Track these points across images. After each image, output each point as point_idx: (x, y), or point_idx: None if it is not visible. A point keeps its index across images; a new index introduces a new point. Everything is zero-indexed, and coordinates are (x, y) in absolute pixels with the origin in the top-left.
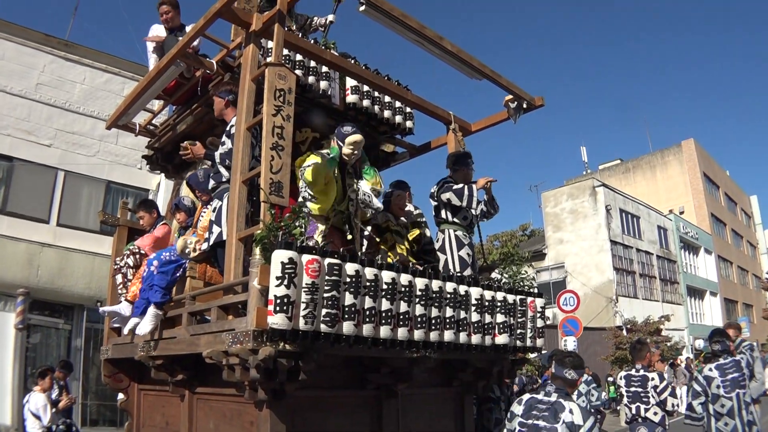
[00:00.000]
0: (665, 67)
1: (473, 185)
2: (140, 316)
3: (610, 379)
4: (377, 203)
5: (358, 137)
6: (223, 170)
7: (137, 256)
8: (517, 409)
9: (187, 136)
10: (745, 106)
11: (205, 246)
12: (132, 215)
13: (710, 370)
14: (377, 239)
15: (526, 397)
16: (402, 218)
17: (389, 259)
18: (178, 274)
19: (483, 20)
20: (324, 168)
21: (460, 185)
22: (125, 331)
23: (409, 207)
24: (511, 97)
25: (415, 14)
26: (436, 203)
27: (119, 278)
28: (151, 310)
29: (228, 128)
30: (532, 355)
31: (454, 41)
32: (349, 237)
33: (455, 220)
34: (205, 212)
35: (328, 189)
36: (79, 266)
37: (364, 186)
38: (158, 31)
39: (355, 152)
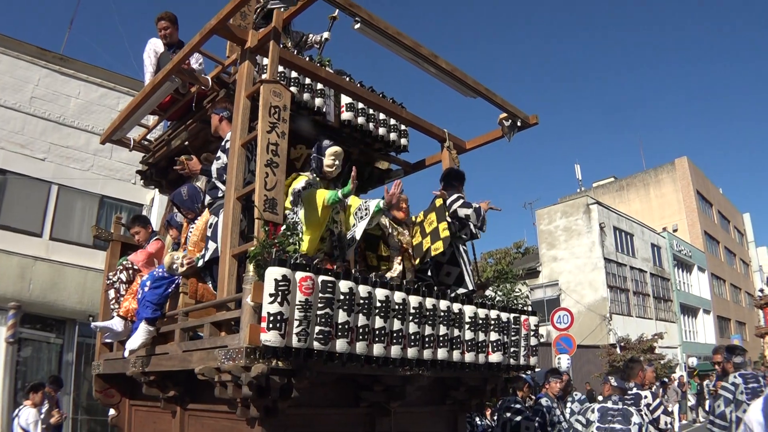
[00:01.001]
0: (659, 86)
1: (482, 207)
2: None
3: (601, 398)
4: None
5: (338, 148)
6: (220, 185)
7: (130, 272)
8: (593, 416)
9: (182, 152)
10: (739, 124)
11: (200, 263)
12: (125, 230)
13: (735, 377)
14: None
15: (597, 406)
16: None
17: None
18: (169, 290)
19: (478, 40)
20: (331, 200)
21: (477, 204)
22: (126, 354)
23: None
24: (505, 115)
25: (409, 32)
26: None
27: (112, 293)
28: (143, 326)
29: (223, 143)
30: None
31: (448, 60)
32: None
33: (461, 235)
34: (192, 229)
35: (317, 226)
36: (71, 280)
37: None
38: (156, 45)
39: (336, 163)
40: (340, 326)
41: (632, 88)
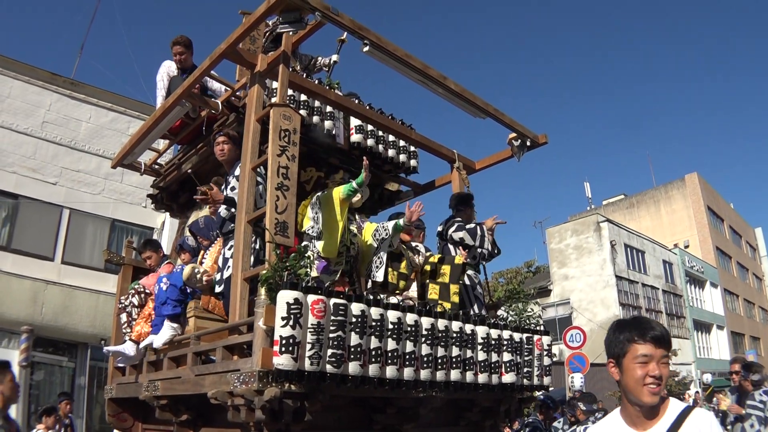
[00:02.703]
0: (667, 102)
1: (483, 225)
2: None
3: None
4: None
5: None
6: None
7: (142, 296)
8: None
9: (192, 176)
10: (749, 138)
11: (218, 288)
12: (137, 254)
13: (761, 395)
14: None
15: (581, 428)
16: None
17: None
18: (189, 290)
19: (485, 59)
20: (347, 192)
21: (473, 225)
22: (144, 345)
23: (420, 247)
24: (514, 135)
25: (418, 54)
26: (444, 242)
27: (124, 317)
28: (167, 324)
29: (236, 172)
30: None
31: (457, 81)
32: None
33: (467, 259)
34: (207, 256)
35: (336, 225)
36: (83, 304)
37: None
38: (170, 67)
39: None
40: (352, 349)
41: (640, 105)
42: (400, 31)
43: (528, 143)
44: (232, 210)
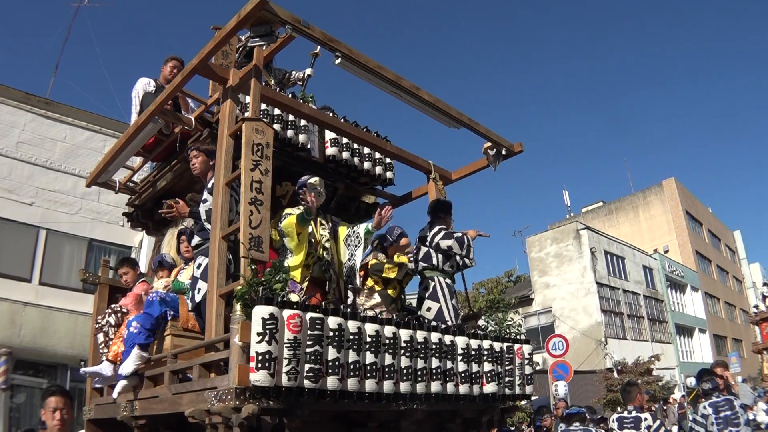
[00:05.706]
0: (643, 108)
1: (467, 235)
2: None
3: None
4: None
5: (316, 178)
6: (208, 226)
7: (119, 315)
8: None
9: (167, 193)
10: (725, 142)
11: (190, 305)
12: (114, 273)
13: (704, 408)
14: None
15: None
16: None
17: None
18: (161, 316)
19: (461, 72)
20: (299, 220)
21: (459, 234)
22: (114, 394)
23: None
24: (490, 144)
25: (391, 66)
26: (426, 248)
27: (101, 337)
28: (135, 351)
29: (209, 185)
30: (522, 403)
31: (431, 91)
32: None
33: (444, 267)
34: (185, 269)
35: (302, 243)
36: (61, 325)
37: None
38: (147, 84)
39: (321, 191)
40: (330, 363)
41: (616, 112)
42: (376, 44)
43: (503, 152)
44: (200, 223)
